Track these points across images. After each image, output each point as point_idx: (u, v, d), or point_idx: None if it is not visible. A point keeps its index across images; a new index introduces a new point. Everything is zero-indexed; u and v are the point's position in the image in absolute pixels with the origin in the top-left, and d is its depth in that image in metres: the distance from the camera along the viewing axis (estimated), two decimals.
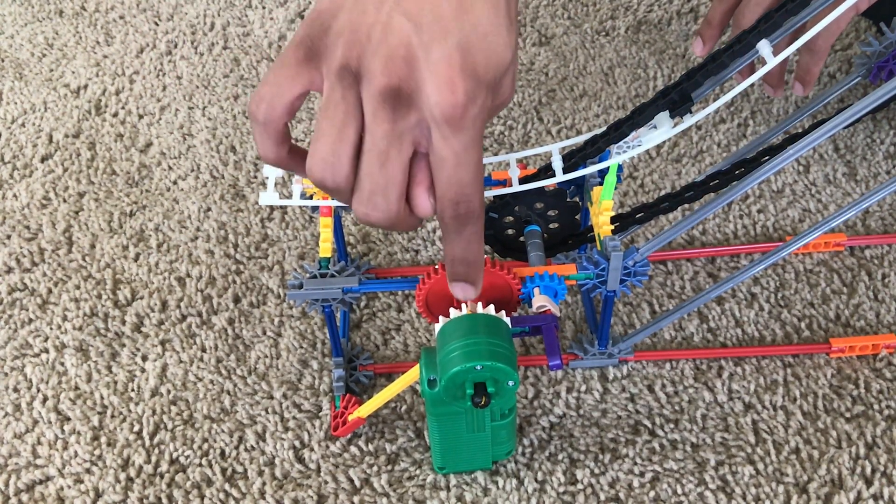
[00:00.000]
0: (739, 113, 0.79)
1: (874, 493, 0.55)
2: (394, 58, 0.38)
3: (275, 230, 0.71)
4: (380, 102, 0.38)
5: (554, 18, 0.89)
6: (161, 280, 0.68)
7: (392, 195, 0.40)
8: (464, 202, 0.41)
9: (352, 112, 0.39)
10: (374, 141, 0.39)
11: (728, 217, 0.71)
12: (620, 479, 0.56)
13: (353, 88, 0.39)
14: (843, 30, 0.79)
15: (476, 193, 0.41)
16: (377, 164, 0.40)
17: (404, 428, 0.59)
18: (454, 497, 0.55)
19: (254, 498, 0.55)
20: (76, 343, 0.64)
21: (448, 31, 0.38)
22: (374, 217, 0.41)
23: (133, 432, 0.59)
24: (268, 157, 0.43)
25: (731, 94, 0.48)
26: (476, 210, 0.42)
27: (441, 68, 0.37)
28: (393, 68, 0.38)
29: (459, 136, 0.39)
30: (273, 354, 0.63)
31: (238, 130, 0.79)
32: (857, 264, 0.67)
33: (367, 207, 0.41)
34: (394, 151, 0.39)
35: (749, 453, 0.57)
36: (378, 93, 0.38)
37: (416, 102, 0.38)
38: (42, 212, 0.73)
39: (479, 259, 0.45)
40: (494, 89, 0.40)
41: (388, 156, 0.39)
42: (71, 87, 0.84)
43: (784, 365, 0.61)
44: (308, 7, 0.92)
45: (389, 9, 0.38)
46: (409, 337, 0.64)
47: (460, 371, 0.47)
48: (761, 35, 0.49)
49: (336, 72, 0.39)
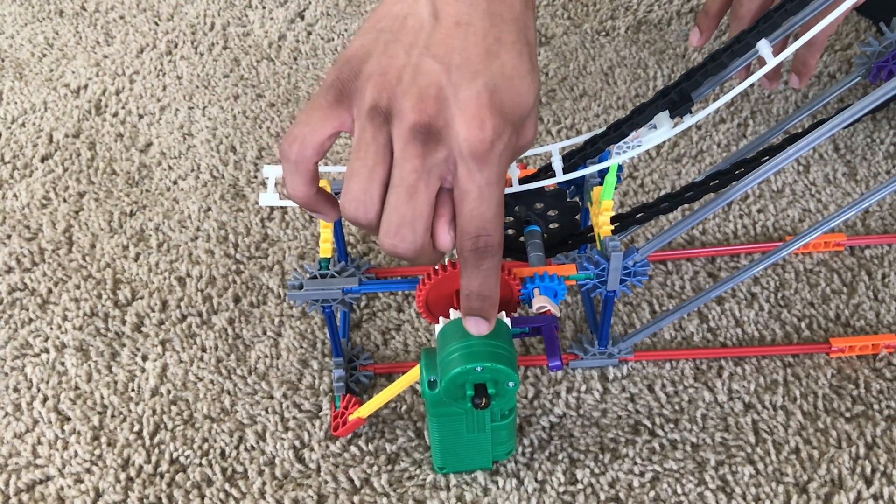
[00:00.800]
0: (739, 113, 0.79)
1: (874, 493, 0.55)
2: (424, 97, 0.39)
3: (275, 230, 0.71)
4: (410, 139, 0.40)
5: (554, 18, 0.89)
6: (161, 280, 0.68)
7: (419, 227, 0.42)
8: (484, 236, 0.42)
9: (381, 152, 0.41)
10: (403, 176, 0.41)
11: (728, 217, 0.71)
12: (620, 479, 0.56)
13: (384, 128, 0.41)
14: (840, 23, 0.79)
15: (496, 229, 0.42)
16: (405, 198, 0.41)
17: (404, 428, 0.59)
18: (454, 497, 0.55)
19: (254, 498, 0.56)
20: (76, 343, 0.64)
21: (476, 72, 0.40)
22: (401, 248, 0.42)
23: (133, 432, 0.59)
24: (297, 195, 0.45)
25: (732, 94, 0.48)
26: (495, 245, 0.43)
27: (470, 106, 0.39)
28: (423, 106, 0.39)
29: (485, 171, 0.40)
30: (273, 354, 0.63)
31: (238, 130, 0.79)
32: (857, 264, 0.67)
33: (395, 239, 0.42)
34: (422, 185, 0.41)
35: (749, 453, 0.57)
36: (409, 130, 0.40)
37: (445, 139, 0.40)
38: (42, 212, 0.73)
39: (495, 294, 0.46)
40: (518, 130, 0.42)
41: (417, 190, 0.41)
42: (71, 86, 0.84)
43: (784, 365, 0.61)
44: (308, 7, 0.92)
45: (419, 53, 0.40)
46: (410, 337, 0.64)
47: (460, 372, 0.47)
48: (760, 35, 0.49)
49: (367, 112, 0.41)
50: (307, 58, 0.87)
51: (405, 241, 0.42)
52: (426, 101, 0.39)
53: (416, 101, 0.39)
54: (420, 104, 0.39)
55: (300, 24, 0.90)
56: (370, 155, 0.41)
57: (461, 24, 0.40)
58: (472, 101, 0.39)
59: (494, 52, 0.40)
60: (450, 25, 0.40)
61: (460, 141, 0.40)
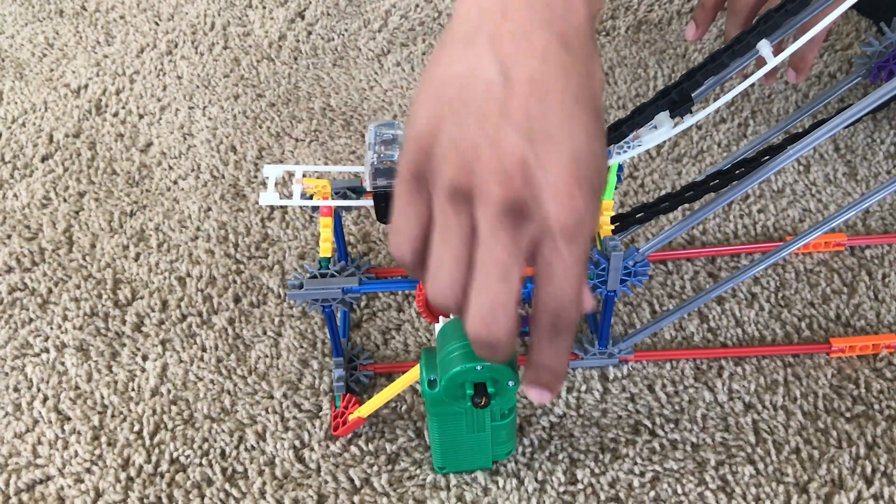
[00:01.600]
0: (740, 113, 0.79)
1: (874, 493, 0.55)
2: (509, 173, 0.36)
3: (275, 230, 0.71)
4: (499, 220, 0.37)
5: None
6: (161, 280, 0.68)
7: (512, 309, 0.39)
8: (564, 315, 0.40)
9: (466, 236, 0.38)
10: (493, 257, 0.38)
11: (728, 217, 0.71)
12: (620, 479, 0.56)
13: (466, 209, 0.38)
14: (838, 19, 0.79)
15: (576, 307, 0.40)
16: (498, 280, 0.38)
17: (404, 428, 0.59)
18: (454, 497, 0.55)
19: (254, 497, 0.55)
20: (76, 343, 0.64)
21: (560, 141, 0.37)
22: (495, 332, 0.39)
23: (133, 432, 0.59)
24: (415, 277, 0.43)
25: (732, 93, 0.48)
26: (573, 323, 0.40)
27: (559, 180, 0.37)
28: (509, 183, 0.36)
29: (573, 248, 0.38)
30: (273, 354, 0.63)
31: (238, 130, 0.79)
32: (857, 264, 0.67)
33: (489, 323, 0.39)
34: (515, 266, 0.38)
35: (749, 453, 0.57)
36: (497, 210, 0.37)
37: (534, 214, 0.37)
38: (42, 211, 0.73)
39: (565, 369, 0.43)
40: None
41: (510, 271, 0.38)
42: (71, 86, 0.84)
43: (784, 365, 0.61)
44: (308, 7, 0.92)
45: (495, 124, 0.37)
46: (410, 337, 0.64)
47: (460, 371, 0.47)
48: (761, 35, 0.49)
49: (446, 195, 0.38)
50: (307, 57, 0.87)
51: (499, 325, 0.39)
52: (512, 178, 0.36)
53: (500, 178, 0.36)
54: (506, 181, 0.36)
55: (300, 24, 0.90)
56: (455, 241, 0.38)
57: (536, 83, 0.37)
58: (560, 175, 0.36)
59: (573, 113, 0.37)
60: (524, 87, 0.37)
61: (550, 218, 0.37)
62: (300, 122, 0.80)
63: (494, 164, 0.36)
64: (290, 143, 0.78)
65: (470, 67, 0.37)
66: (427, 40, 0.88)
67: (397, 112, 0.81)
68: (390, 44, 0.88)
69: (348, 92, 0.83)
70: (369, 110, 0.81)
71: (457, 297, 0.39)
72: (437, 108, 0.38)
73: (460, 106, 0.37)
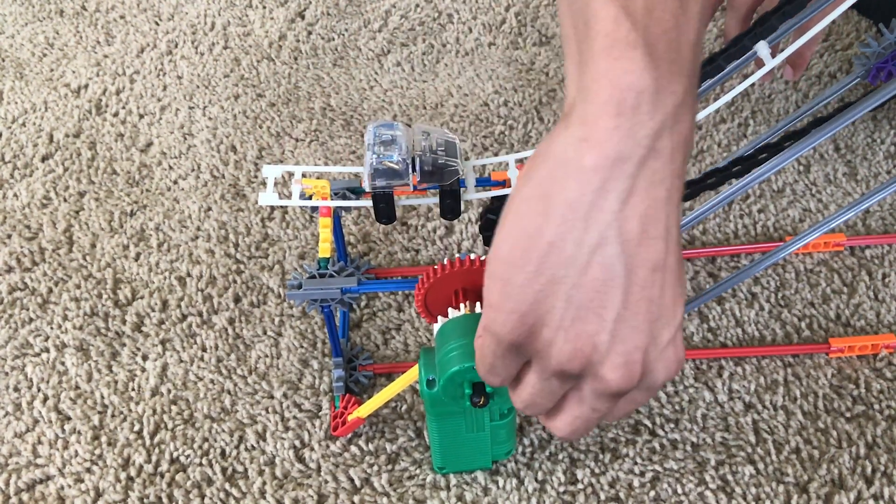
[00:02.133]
0: (740, 113, 0.79)
1: (874, 493, 0.55)
2: (629, 365, 0.36)
3: (275, 230, 0.71)
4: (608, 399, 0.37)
5: (554, 18, 0.89)
6: (161, 279, 0.68)
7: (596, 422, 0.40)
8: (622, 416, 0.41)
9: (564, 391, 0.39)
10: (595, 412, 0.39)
11: (728, 217, 0.71)
12: (621, 479, 0.56)
13: (571, 382, 0.38)
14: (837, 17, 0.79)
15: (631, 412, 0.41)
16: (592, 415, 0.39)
17: (404, 428, 0.59)
18: (454, 497, 0.55)
19: (254, 497, 0.55)
20: (76, 342, 0.64)
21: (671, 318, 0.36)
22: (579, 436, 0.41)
23: (133, 432, 0.59)
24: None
25: (732, 93, 0.48)
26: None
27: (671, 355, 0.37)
28: (629, 375, 0.36)
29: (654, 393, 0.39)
30: (273, 354, 0.63)
31: (238, 130, 0.79)
32: (857, 264, 0.67)
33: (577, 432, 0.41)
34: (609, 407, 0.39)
35: (749, 453, 0.57)
36: (609, 393, 0.37)
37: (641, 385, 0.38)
38: (42, 211, 0.73)
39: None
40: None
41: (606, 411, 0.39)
42: (71, 86, 0.84)
43: (784, 365, 0.61)
44: (308, 7, 0.92)
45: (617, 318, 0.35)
46: (410, 336, 0.64)
47: (459, 371, 0.47)
48: (757, 38, 0.49)
49: (554, 372, 0.37)
50: (307, 57, 0.87)
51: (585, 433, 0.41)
52: (631, 369, 0.36)
53: (620, 371, 0.36)
54: (625, 373, 0.36)
55: (300, 24, 0.90)
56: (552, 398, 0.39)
57: (658, 270, 0.35)
58: (672, 348, 0.37)
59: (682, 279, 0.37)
60: (646, 275, 0.35)
61: (658, 383, 0.37)
62: (300, 121, 0.80)
63: (615, 359, 0.35)
64: (291, 143, 0.78)
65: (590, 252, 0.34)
66: (427, 40, 0.88)
67: (397, 112, 0.81)
68: (390, 44, 0.88)
69: (348, 92, 0.83)
70: (369, 110, 0.81)
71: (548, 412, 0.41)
72: (546, 289, 0.35)
73: (574, 292, 0.35)
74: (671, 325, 0.36)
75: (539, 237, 0.35)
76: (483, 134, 0.78)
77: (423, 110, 0.81)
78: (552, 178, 0.34)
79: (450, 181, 0.52)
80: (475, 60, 0.86)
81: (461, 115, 0.80)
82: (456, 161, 0.52)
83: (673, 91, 0.34)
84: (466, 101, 0.81)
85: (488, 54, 0.86)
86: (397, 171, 0.51)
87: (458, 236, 0.70)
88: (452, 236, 0.70)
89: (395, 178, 0.51)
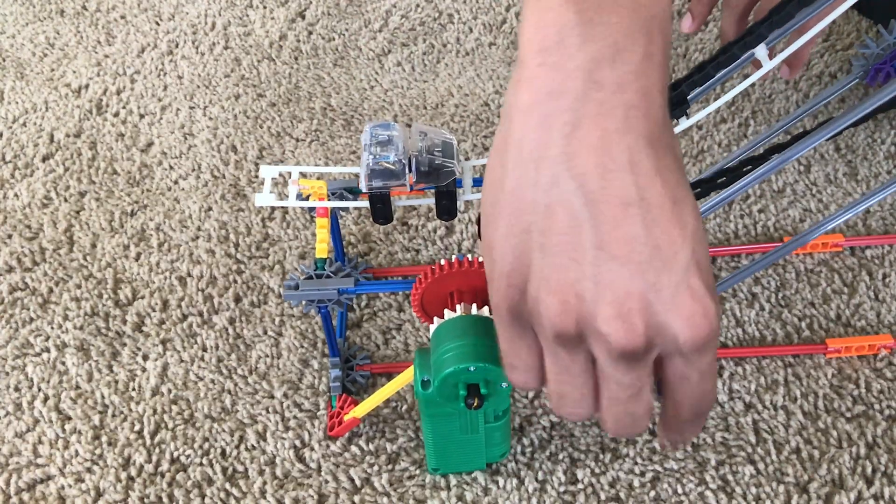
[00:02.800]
0: (740, 112, 0.79)
1: (875, 493, 0.55)
2: (624, 315, 0.32)
3: (276, 230, 0.71)
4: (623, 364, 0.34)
5: None
6: (162, 279, 0.68)
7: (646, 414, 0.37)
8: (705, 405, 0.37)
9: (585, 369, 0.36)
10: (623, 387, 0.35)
11: (728, 217, 0.71)
12: (621, 479, 0.56)
13: (579, 347, 0.35)
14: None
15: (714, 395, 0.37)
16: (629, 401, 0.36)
17: (405, 427, 0.59)
18: (455, 497, 0.55)
19: (254, 497, 0.56)
20: (77, 342, 0.64)
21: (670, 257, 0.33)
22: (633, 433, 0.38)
23: (134, 431, 0.59)
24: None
25: (731, 93, 0.48)
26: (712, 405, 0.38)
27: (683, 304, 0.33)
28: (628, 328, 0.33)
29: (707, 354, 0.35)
30: (274, 354, 0.63)
31: (239, 130, 0.80)
32: (857, 264, 0.67)
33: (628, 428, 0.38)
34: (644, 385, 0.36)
35: (749, 453, 0.57)
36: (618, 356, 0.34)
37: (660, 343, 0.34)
38: (43, 211, 0.73)
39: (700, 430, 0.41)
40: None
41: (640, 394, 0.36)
42: (72, 86, 0.84)
43: (785, 365, 0.61)
44: (309, 7, 0.92)
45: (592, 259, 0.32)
46: (410, 336, 0.64)
47: (453, 372, 0.47)
48: (748, 47, 0.49)
49: (553, 340, 0.35)
50: (308, 57, 0.87)
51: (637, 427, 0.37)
52: (629, 321, 0.32)
53: (616, 323, 0.32)
54: (623, 326, 0.32)
55: (301, 24, 0.90)
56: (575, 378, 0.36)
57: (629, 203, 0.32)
58: (682, 298, 0.33)
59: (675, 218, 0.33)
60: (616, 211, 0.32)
61: (681, 341, 0.33)
62: (301, 121, 0.80)
63: (604, 308, 0.33)
64: (291, 143, 0.78)
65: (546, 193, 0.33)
66: (427, 40, 0.88)
67: (397, 112, 0.81)
68: (391, 44, 0.88)
69: (349, 92, 0.83)
70: (370, 110, 0.81)
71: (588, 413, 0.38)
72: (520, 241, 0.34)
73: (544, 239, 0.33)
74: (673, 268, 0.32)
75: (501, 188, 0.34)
76: (483, 134, 0.78)
77: (423, 110, 0.81)
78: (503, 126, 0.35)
79: (446, 182, 0.52)
80: (476, 60, 0.86)
81: (462, 115, 0.80)
82: (452, 162, 0.52)
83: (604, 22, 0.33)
84: (467, 101, 0.81)
85: (489, 54, 0.86)
86: (393, 171, 0.51)
87: (458, 236, 0.70)
88: (453, 236, 0.70)
89: (391, 178, 0.51)
